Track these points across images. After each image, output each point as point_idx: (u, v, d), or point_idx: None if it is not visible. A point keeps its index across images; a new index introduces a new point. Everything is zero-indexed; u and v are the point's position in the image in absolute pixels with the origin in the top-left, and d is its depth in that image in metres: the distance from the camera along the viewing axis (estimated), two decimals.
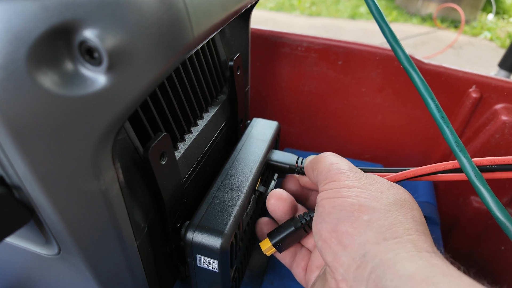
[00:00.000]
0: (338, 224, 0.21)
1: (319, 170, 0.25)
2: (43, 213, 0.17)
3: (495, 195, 0.23)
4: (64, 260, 0.19)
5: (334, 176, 0.24)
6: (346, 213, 0.21)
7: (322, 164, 0.26)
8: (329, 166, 0.25)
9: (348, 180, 0.23)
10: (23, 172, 0.15)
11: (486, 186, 0.23)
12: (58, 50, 0.13)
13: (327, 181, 0.24)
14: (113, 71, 0.14)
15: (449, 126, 0.24)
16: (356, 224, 0.20)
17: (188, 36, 0.16)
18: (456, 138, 0.24)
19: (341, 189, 0.22)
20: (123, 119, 0.16)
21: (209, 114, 0.31)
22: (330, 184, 0.23)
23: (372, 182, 0.23)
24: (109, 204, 0.17)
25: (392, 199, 0.21)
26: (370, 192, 0.22)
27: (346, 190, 0.22)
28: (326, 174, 0.24)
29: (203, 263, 0.24)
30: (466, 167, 0.24)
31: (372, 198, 0.21)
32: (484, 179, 0.24)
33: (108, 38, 0.13)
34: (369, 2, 0.26)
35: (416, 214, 0.21)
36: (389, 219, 0.20)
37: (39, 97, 0.13)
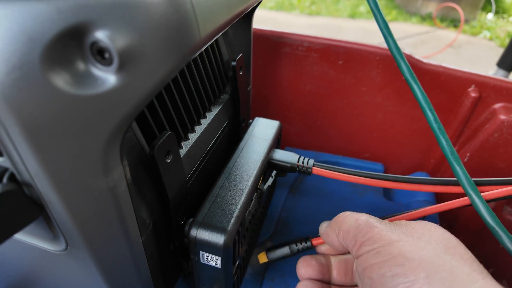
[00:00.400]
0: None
1: (344, 231, 0.23)
2: (52, 209, 0.17)
3: (486, 203, 0.24)
4: (71, 256, 0.20)
5: (366, 234, 0.21)
6: (401, 279, 0.18)
7: (346, 223, 0.23)
8: (355, 223, 0.22)
9: (383, 235, 0.20)
10: (35, 169, 0.15)
11: (478, 194, 0.24)
12: (70, 51, 0.14)
13: (359, 242, 0.21)
14: (123, 71, 0.14)
15: (445, 137, 0.25)
16: (417, 286, 0.18)
17: (195, 37, 0.17)
18: (451, 148, 0.25)
19: (380, 248, 0.20)
20: (131, 117, 0.16)
21: (212, 113, 0.32)
22: (365, 245, 0.21)
23: (406, 231, 0.21)
24: (116, 201, 0.17)
25: (434, 243, 0.20)
26: (410, 243, 0.20)
27: (387, 249, 0.20)
28: (354, 233, 0.22)
29: (206, 259, 0.25)
30: (460, 175, 0.25)
31: (417, 249, 0.19)
32: (476, 187, 0.25)
33: (119, 39, 0.14)
34: (376, 14, 0.27)
35: (462, 251, 0.20)
36: (445, 269, 0.18)
37: (52, 96, 0.14)
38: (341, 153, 0.56)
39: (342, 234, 0.23)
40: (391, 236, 0.20)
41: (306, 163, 0.33)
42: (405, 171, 0.55)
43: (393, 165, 0.55)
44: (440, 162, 0.50)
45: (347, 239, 0.23)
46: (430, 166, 0.52)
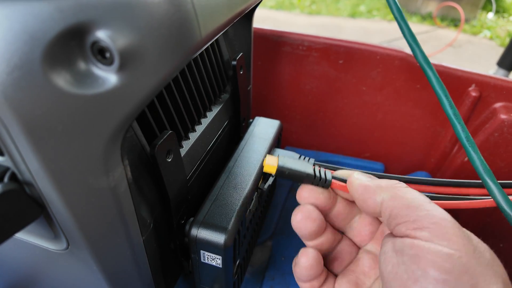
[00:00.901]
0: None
1: (404, 203, 0.20)
2: (53, 208, 0.17)
3: (503, 191, 0.24)
4: (72, 255, 0.20)
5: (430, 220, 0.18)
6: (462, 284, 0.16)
7: (408, 194, 0.20)
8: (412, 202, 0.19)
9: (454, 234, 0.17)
10: (36, 169, 0.15)
11: (495, 182, 0.24)
12: (71, 50, 0.14)
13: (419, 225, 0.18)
14: (124, 71, 0.14)
15: (460, 122, 0.24)
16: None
17: (196, 36, 0.17)
18: (467, 133, 0.24)
19: (450, 251, 0.17)
20: (132, 117, 0.16)
21: (212, 112, 0.32)
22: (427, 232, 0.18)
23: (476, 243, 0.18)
24: (117, 200, 0.18)
25: (501, 276, 0.17)
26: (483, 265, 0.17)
27: (457, 256, 0.17)
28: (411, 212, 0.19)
29: (206, 258, 0.25)
30: (475, 161, 0.24)
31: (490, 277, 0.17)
32: (493, 175, 0.24)
33: (120, 39, 0.14)
34: (391, 3, 0.26)
35: (501, 270, 0.18)
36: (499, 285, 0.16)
37: (52, 96, 0.14)
38: (341, 152, 0.56)
39: (395, 203, 0.20)
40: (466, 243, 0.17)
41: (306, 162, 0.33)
42: (406, 171, 0.55)
43: (393, 165, 0.55)
44: (440, 161, 0.50)
45: (400, 211, 0.19)
46: (431, 165, 0.52)
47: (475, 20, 2.97)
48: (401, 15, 0.27)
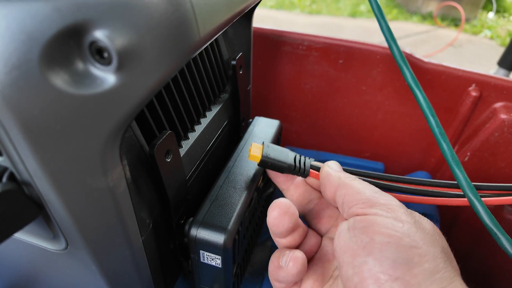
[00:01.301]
0: (394, 266, 0.17)
1: (354, 190, 0.22)
2: (52, 208, 0.17)
3: (485, 205, 0.24)
4: (71, 255, 0.20)
5: (380, 200, 0.20)
6: (405, 255, 0.18)
7: (358, 185, 0.22)
8: (372, 189, 0.22)
9: (399, 211, 0.19)
10: (34, 169, 0.15)
11: (477, 197, 0.24)
12: (69, 50, 0.14)
13: (369, 203, 0.20)
14: (122, 71, 0.14)
15: (446, 140, 0.25)
16: (416, 272, 0.17)
17: (194, 36, 0.17)
18: (451, 152, 0.25)
19: (395, 221, 0.19)
20: (131, 117, 0.16)
21: (212, 112, 0.32)
22: (378, 210, 0.20)
23: (418, 219, 0.20)
24: (116, 200, 0.17)
25: (440, 245, 0.19)
26: (423, 233, 0.19)
27: (400, 226, 0.19)
28: (368, 196, 0.21)
29: (206, 259, 0.25)
30: (460, 178, 0.25)
31: (428, 242, 0.18)
32: (475, 190, 0.25)
33: (118, 39, 0.14)
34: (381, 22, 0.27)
35: (455, 264, 0.19)
36: (447, 272, 0.17)
37: (50, 96, 0.14)
38: (341, 152, 0.56)
39: (347, 191, 0.22)
40: (407, 218, 0.19)
41: None
42: (406, 170, 0.54)
43: (393, 164, 0.55)
44: (441, 161, 0.50)
45: (351, 196, 0.22)
46: (431, 165, 0.52)
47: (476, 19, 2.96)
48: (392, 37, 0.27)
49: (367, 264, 0.18)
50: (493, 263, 0.48)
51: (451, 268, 0.18)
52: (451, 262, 0.19)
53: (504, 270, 0.47)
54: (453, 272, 0.18)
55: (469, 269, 0.51)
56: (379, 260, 0.18)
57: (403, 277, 0.17)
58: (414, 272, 0.17)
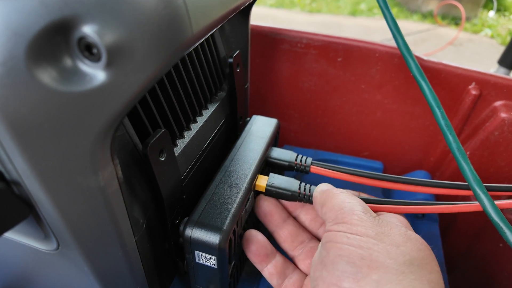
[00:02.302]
0: (342, 278, 0.18)
1: (329, 207, 0.23)
2: (42, 208, 0.17)
3: (492, 200, 0.24)
4: (63, 256, 0.20)
5: (346, 217, 0.21)
6: (354, 267, 0.18)
7: (333, 200, 0.23)
8: (341, 204, 0.22)
9: (361, 225, 0.20)
10: (22, 168, 0.15)
11: (484, 191, 0.24)
12: (57, 46, 0.13)
13: (337, 221, 0.21)
14: (112, 67, 0.14)
15: (452, 133, 0.25)
16: (363, 283, 0.18)
17: (187, 33, 0.16)
18: (458, 144, 0.25)
19: (351, 235, 0.20)
20: (122, 115, 0.16)
21: (208, 111, 0.31)
22: (340, 225, 0.21)
23: (387, 232, 0.20)
24: (107, 200, 0.17)
25: (408, 257, 0.19)
26: (384, 245, 0.19)
27: (357, 238, 0.19)
28: (336, 212, 0.22)
29: (201, 259, 0.24)
30: (466, 171, 0.24)
31: (385, 254, 0.19)
32: (483, 185, 0.24)
33: (107, 34, 0.13)
34: (386, 14, 0.26)
35: (434, 278, 0.18)
36: (402, 283, 0.17)
37: (38, 93, 0.13)
38: (340, 151, 0.55)
39: (325, 208, 0.24)
40: (368, 230, 0.20)
41: (304, 161, 0.32)
42: (405, 169, 0.54)
43: (392, 163, 0.54)
44: (440, 160, 0.50)
45: (327, 214, 0.23)
46: (430, 164, 0.52)
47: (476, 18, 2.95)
48: (397, 29, 0.27)
49: (322, 277, 0.19)
50: (493, 262, 0.48)
51: (411, 280, 0.18)
52: (420, 275, 0.18)
53: (504, 269, 0.47)
54: (412, 284, 0.17)
55: (468, 268, 0.51)
56: (330, 272, 0.19)
57: (349, 287, 0.18)
58: (361, 284, 0.18)
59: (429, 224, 0.44)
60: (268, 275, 0.27)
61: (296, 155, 0.33)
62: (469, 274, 0.50)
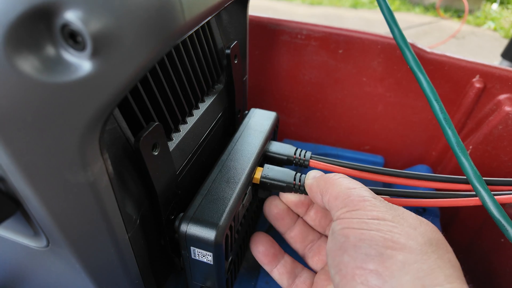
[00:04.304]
0: (366, 260, 0.18)
1: (333, 195, 0.23)
2: (29, 205, 0.16)
3: (493, 196, 0.23)
4: (54, 253, 0.19)
5: (357, 204, 0.21)
6: (377, 249, 0.18)
7: (336, 187, 0.23)
8: (346, 191, 0.22)
9: (376, 210, 0.20)
10: (6, 163, 0.14)
11: (485, 187, 0.23)
12: (38, 34, 0.12)
13: (348, 209, 0.21)
14: (98, 57, 0.13)
15: (451, 127, 0.24)
16: (389, 264, 0.17)
17: (179, 20, 0.15)
18: (457, 139, 0.24)
19: (369, 220, 0.19)
20: (111, 107, 0.15)
21: (205, 104, 0.30)
22: (354, 213, 0.20)
23: (402, 215, 0.20)
24: (98, 196, 0.16)
25: (426, 238, 0.19)
26: (403, 227, 0.19)
27: (376, 222, 0.19)
28: (344, 200, 0.21)
29: (197, 255, 0.24)
30: (466, 167, 0.24)
31: (406, 235, 0.19)
32: (483, 180, 0.24)
33: (92, 21, 0.12)
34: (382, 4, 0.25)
35: (451, 257, 0.19)
36: (427, 262, 0.17)
37: (19, 83, 0.12)
38: (340, 145, 0.55)
39: (329, 197, 0.23)
40: (385, 214, 0.20)
41: (303, 155, 0.32)
42: (406, 164, 0.53)
43: (393, 158, 0.54)
44: (442, 154, 0.49)
45: (332, 203, 0.22)
46: (432, 158, 0.51)
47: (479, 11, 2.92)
48: (393, 18, 0.26)
49: (344, 262, 0.19)
50: (494, 258, 0.48)
51: (435, 260, 0.18)
52: (441, 255, 0.18)
53: (505, 265, 0.46)
54: (437, 263, 0.18)
55: (469, 264, 0.51)
56: (353, 256, 0.19)
57: (376, 269, 0.18)
58: (386, 264, 0.18)
59: (430, 219, 0.43)
60: (278, 275, 0.27)
61: (295, 149, 0.32)
62: (470, 269, 0.50)
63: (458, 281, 0.17)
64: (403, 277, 0.17)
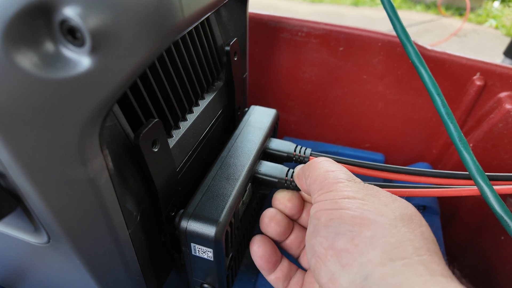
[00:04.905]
0: (336, 239, 0.18)
1: (312, 178, 0.23)
2: (29, 201, 0.16)
3: (495, 190, 0.23)
4: (55, 249, 0.19)
5: (331, 186, 0.21)
6: (346, 227, 0.18)
7: (316, 171, 0.23)
8: (324, 174, 0.22)
9: (347, 190, 0.20)
10: (6, 159, 0.14)
11: (487, 181, 0.23)
12: (37, 30, 0.13)
13: (323, 191, 0.21)
14: (97, 53, 0.13)
15: (453, 121, 0.24)
16: (358, 241, 0.18)
17: (177, 16, 0.15)
18: (459, 133, 0.24)
19: (340, 199, 0.20)
20: (110, 103, 0.15)
21: (205, 101, 0.30)
22: (327, 194, 0.21)
23: (374, 193, 0.20)
24: (98, 192, 0.17)
25: (398, 213, 0.19)
26: (373, 204, 0.19)
27: (346, 201, 0.20)
28: (321, 183, 0.22)
29: (197, 251, 0.24)
30: (468, 162, 0.24)
31: (376, 211, 0.19)
32: (485, 175, 0.24)
33: (91, 17, 0.13)
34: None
35: (425, 231, 0.19)
36: (395, 236, 0.18)
37: (18, 79, 0.13)
38: (341, 143, 0.55)
39: (310, 180, 0.23)
40: (356, 194, 0.20)
41: (303, 152, 0.32)
42: (406, 162, 0.53)
43: (394, 155, 0.54)
44: (442, 152, 0.49)
45: (312, 186, 0.23)
46: (432, 156, 0.51)
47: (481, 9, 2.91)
48: (394, 13, 0.26)
49: (317, 243, 0.19)
50: (494, 255, 0.48)
51: (404, 233, 0.18)
52: (413, 228, 0.18)
53: (505, 262, 0.46)
54: (406, 236, 0.18)
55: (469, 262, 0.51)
56: (324, 236, 0.19)
57: (346, 247, 0.18)
58: (355, 242, 0.18)
59: (430, 217, 0.43)
60: (274, 279, 0.26)
61: (295, 146, 0.32)
62: (470, 267, 0.50)
63: (429, 253, 0.17)
64: (371, 252, 0.17)
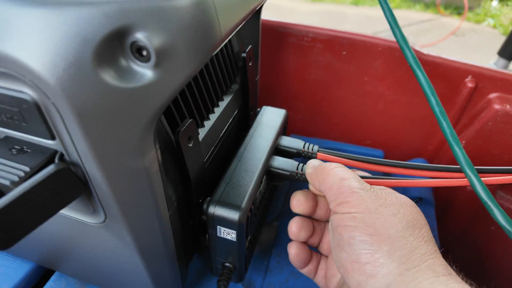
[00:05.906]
0: (360, 256, 0.22)
1: (327, 185, 0.25)
2: (95, 185, 0.20)
3: (482, 181, 0.27)
4: (108, 228, 0.23)
5: (347, 196, 0.24)
6: (366, 244, 0.22)
7: (330, 178, 0.25)
8: (339, 183, 0.25)
9: (363, 204, 0.23)
10: (84, 151, 0.18)
11: (474, 172, 0.27)
12: (114, 50, 0.16)
13: (339, 201, 0.24)
14: (158, 67, 0.17)
15: (446, 119, 0.28)
16: (378, 255, 0.21)
17: (217, 35, 0.19)
18: (451, 130, 0.27)
19: (356, 214, 0.23)
20: (164, 107, 0.18)
21: (224, 102, 0.34)
22: (344, 206, 0.23)
23: (384, 202, 0.23)
24: (150, 179, 0.20)
25: (405, 222, 0.22)
26: (384, 218, 0.22)
27: (361, 216, 0.22)
28: (337, 192, 0.24)
29: (222, 233, 0.28)
30: (458, 155, 0.27)
31: (388, 225, 0.22)
32: (474, 167, 0.27)
33: (155, 39, 0.16)
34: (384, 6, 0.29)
35: (425, 233, 0.22)
36: (406, 248, 0.21)
37: (100, 89, 0.16)
38: (343, 140, 0.58)
39: (325, 186, 0.26)
40: (369, 206, 0.23)
41: (311, 149, 0.35)
42: (404, 157, 0.57)
43: (393, 152, 0.57)
44: (438, 148, 0.53)
45: (328, 192, 0.25)
46: (428, 152, 0.55)
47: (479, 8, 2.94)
48: (393, 18, 0.29)
49: (343, 258, 0.23)
50: (486, 246, 0.51)
51: (412, 242, 0.21)
52: (417, 235, 0.22)
53: (497, 253, 0.50)
54: (413, 245, 0.21)
55: (462, 252, 0.54)
56: (348, 253, 0.22)
57: (368, 261, 0.21)
58: (375, 256, 0.21)
59: (425, 208, 0.47)
60: (307, 271, 0.31)
61: (304, 143, 0.36)
62: (463, 257, 0.54)
63: (431, 256, 0.21)
64: (390, 264, 0.21)
